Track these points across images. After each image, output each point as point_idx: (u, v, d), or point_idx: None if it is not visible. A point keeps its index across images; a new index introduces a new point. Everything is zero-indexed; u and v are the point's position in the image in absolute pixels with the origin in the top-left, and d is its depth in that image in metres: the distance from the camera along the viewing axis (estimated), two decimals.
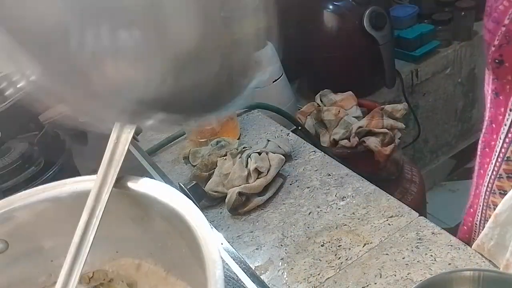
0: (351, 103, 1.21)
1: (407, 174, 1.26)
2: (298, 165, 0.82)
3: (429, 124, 1.68)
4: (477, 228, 0.60)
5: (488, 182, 0.55)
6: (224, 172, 0.77)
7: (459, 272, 0.45)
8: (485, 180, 0.55)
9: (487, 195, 0.55)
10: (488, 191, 0.55)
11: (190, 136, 0.92)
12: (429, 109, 1.65)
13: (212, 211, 0.77)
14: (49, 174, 0.67)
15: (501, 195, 0.53)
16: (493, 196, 0.54)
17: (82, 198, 0.38)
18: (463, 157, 1.83)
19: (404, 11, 1.54)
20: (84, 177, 0.39)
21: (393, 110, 1.14)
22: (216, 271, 0.28)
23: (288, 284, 0.60)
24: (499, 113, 0.50)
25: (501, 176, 0.52)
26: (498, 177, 0.52)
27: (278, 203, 0.74)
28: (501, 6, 0.45)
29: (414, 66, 1.50)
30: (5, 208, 0.38)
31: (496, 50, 0.46)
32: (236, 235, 0.71)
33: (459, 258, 0.57)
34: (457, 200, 1.77)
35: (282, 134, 0.92)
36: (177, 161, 0.92)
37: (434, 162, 1.84)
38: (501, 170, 0.52)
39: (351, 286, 0.58)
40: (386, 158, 1.10)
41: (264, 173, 0.75)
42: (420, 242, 0.59)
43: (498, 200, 0.53)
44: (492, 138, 0.52)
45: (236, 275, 0.49)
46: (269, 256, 0.65)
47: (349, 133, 1.12)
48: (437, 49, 1.54)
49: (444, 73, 1.59)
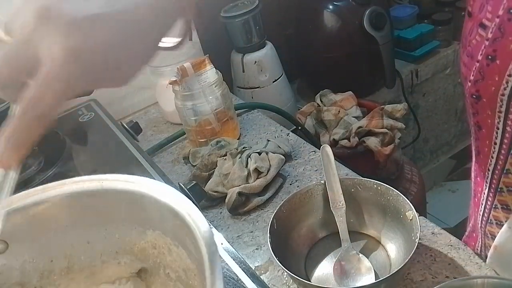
0: (351, 103, 1.21)
1: (407, 174, 1.26)
2: (298, 165, 0.82)
3: (429, 124, 1.69)
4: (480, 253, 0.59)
5: (484, 212, 0.53)
6: (224, 172, 0.77)
7: (471, 279, 0.42)
8: (480, 209, 0.53)
9: (484, 224, 0.54)
10: (485, 221, 0.53)
11: (190, 136, 0.92)
12: (429, 109, 1.65)
13: (212, 211, 0.77)
14: (49, 174, 0.67)
15: (498, 226, 0.51)
16: (490, 226, 0.53)
17: (82, 198, 0.38)
18: (463, 157, 1.83)
19: (404, 11, 1.54)
20: (84, 177, 0.39)
21: (393, 110, 1.14)
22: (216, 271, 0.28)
23: (288, 284, 0.60)
24: (484, 145, 0.47)
25: (496, 206, 0.50)
26: (493, 207, 0.51)
27: (278, 203, 0.74)
28: (474, 40, 0.43)
29: (414, 66, 1.50)
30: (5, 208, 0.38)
31: (472, 85, 0.44)
32: (236, 235, 0.71)
33: (459, 258, 0.57)
34: (457, 200, 1.77)
35: (282, 134, 0.92)
36: (177, 161, 0.92)
37: (434, 162, 1.84)
38: (496, 201, 0.50)
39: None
40: (386, 158, 1.10)
41: (264, 173, 0.76)
42: (420, 242, 0.59)
43: (495, 230, 0.52)
44: (481, 168, 0.50)
45: (236, 275, 0.49)
46: (269, 256, 0.65)
47: (349, 133, 1.13)
48: (437, 49, 1.54)
49: (444, 73, 1.59)
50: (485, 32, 0.41)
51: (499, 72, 0.40)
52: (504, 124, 0.43)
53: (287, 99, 1.31)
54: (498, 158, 0.46)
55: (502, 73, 0.40)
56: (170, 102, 0.91)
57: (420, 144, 1.71)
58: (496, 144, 0.45)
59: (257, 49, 1.22)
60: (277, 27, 1.43)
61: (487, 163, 0.48)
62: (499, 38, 0.39)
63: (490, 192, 0.50)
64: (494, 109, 0.42)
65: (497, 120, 0.43)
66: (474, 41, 0.43)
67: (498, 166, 0.47)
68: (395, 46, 1.40)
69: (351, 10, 1.27)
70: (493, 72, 0.40)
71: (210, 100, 0.86)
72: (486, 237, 0.55)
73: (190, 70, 0.83)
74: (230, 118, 0.91)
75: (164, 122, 1.08)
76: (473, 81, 0.43)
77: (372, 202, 0.62)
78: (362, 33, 1.27)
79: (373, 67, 1.35)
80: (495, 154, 0.46)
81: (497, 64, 0.40)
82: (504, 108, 0.41)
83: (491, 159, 0.47)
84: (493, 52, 0.40)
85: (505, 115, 0.42)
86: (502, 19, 0.39)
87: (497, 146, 0.45)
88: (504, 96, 0.40)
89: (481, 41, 0.41)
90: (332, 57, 1.34)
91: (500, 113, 0.42)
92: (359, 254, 0.59)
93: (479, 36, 0.42)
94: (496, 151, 0.46)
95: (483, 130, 0.46)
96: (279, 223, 0.60)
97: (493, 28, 0.40)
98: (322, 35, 1.33)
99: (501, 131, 0.44)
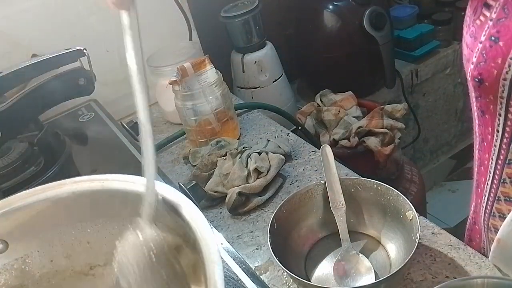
0: (351, 103, 1.21)
1: (407, 174, 1.26)
2: (298, 165, 0.82)
3: (429, 124, 1.68)
4: (484, 249, 0.58)
5: (486, 204, 0.52)
6: (224, 172, 0.77)
7: (471, 279, 0.42)
8: (483, 201, 0.53)
9: (487, 218, 0.53)
10: (487, 214, 0.53)
11: (190, 136, 0.92)
12: (429, 109, 1.65)
13: (212, 211, 0.77)
14: (49, 174, 0.67)
15: (500, 219, 0.51)
16: (493, 219, 0.52)
17: (82, 198, 0.38)
18: (463, 157, 1.83)
19: (404, 11, 1.54)
20: (84, 177, 0.39)
21: (393, 110, 1.14)
22: (216, 271, 0.28)
23: (288, 284, 0.60)
24: (487, 132, 0.46)
25: (499, 198, 0.50)
26: (496, 199, 0.50)
27: (278, 203, 0.74)
28: (478, 20, 0.42)
29: (414, 66, 1.50)
30: (5, 208, 0.38)
31: (475, 68, 0.42)
32: (236, 235, 0.71)
33: (459, 258, 0.57)
34: (457, 200, 1.77)
35: (282, 134, 0.92)
36: (177, 161, 0.92)
37: (434, 162, 1.84)
38: (499, 192, 0.49)
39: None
40: (386, 158, 1.10)
41: (264, 173, 0.76)
42: (420, 242, 0.59)
43: (498, 223, 0.51)
44: (485, 157, 0.49)
45: (236, 275, 0.49)
46: (269, 256, 0.65)
47: (349, 133, 1.13)
48: (437, 49, 1.54)
49: (444, 73, 1.59)
50: (489, 12, 0.40)
51: (502, 54, 0.39)
52: (506, 111, 0.42)
53: (287, 99, 1.31)
54: (500, 147, 0.45)
55: (505, 56, 0.39)
56: (170, 102, 0.91)
57: (420, 144, 1.71)
58: (498, 132, 0.44)
59: (257, 49, 1.22)
60: (277, 27, 1.43)
61: (491, 151, 0.47)
62: (503, 18, 0.39)
63: (493, 183, 0.49)
64: (496, 94, 0.42)
65: (499, 107, 0.42)
66: (478, 21, 0.42)
67: (501, 156, 0.46)
68: (395, 46, 1.40)
69: (351, 10, 1.27)
70: (495, 54, 0.40)
71: (210, 100, 0.86)
72: (490, 231, 0.54)
73: (190, 70, 0.83)
74: (230, 118, 0.91)
75: (164, 122, 1.08)
76: (476, 64, 0.42)
77: (372, 202, 0.62)
78: (362, 33, 1.27)
79: (373, 67, 1.35)
80: (498, 142, 0.45)
81: (500, 46, 0.39)
82: (506, 94, 0.41)
83: (494, 147, 0.46)
84: (497, 33, 0.39)
85: (507, 101, 0.41)
86: None
87: (500, 134, 0.44)
88: (506, 80, 0.40)
89: (484, 21, 0.41)
90: (332, 57, 1.34)
91: (502, 99, 0.41)
92: (359, 254, 0.59)
93: (483, 16, 0.41)
94: (498, 140, 0.45)
95: (486, 116, 0.45)
96: (279, 223, 0.60)
97: (497, 8, 0.39)
98: (322, 35, 1.33)
99: (503, 118, 0.43)
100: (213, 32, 1.23)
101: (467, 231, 0.62)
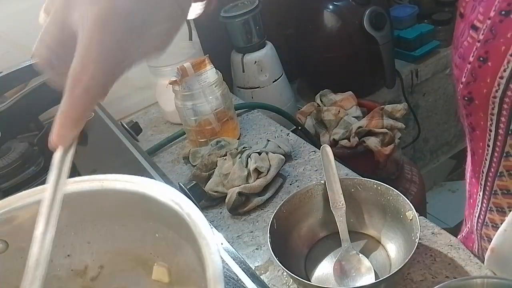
0: (351, 103, 1.21)
1: (407, 174, 1.26)
2: (298, 165, 0.82)
3: (429, 124, 1.68)
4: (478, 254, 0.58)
5: (479, 214, 0.52)
6: (224, 172, 0.77)
7: (471, 279, 0.42)
8: (476, 211, 0.53)
9: (479, 227, 0.54)
10: (480, 223, 0.53)
11: (190, 136, 0.92)
12: (429, 109, 1.65)
13: (212, 211, 0.77)
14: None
15: (493, 228, 0.51)
16: (486, 228, 0.52)
17: (82, 198, 0.38)
18: (463, 157, 1.82)
19: (404, 11, 1.54)
20: (84, 177, 0.39)
21: (393, 110, 1.14)
22: (216, 271, 0.28)
23: (288, 284, 0.60)
24: (478, 146, 0.47)
25: (491, 209, 0.50)
26: (489, 209, 0.50)
27: (278, 203, 0.74)
28: (466, 42, 0.42)
29: (414, 66, 1.50)
30: (5, 208, 0.38)
31: (464, 87, 0.43)
32: (236, 235, 0.71)
33: (459, 258, 0.57)
34: (457, 200, 1.77)
35: (282, 134, 0.92)
36: (177, 161, 0.92)
37: (433, 162, 1.84)
38: (491, 203, 0.49)
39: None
40: (386, 158, 1.10)
41: (264, 173, 0.76)
42: (420, 242, 0.59)
43: (491, 232, 0.51)
44: (476, 169, 0.50)
45: (236, 275, 0.49)
46: (269, 256, 0.65)
47: (349, 133, 1.13)
48: (437, 49, 1.54)
49: (444, 73, 1.59)
50: (476, 34, 0.40)
51: (491, 74, 0.39)
52: (497, 126, 0.42)
53: (287, 99, 1.31)
54: (491, 160, 0.46)
55: (494, 75, 0.39)
56: (170, 102, 0.91)
57: (420, 144, 1.71)
58: (489, 147, 0.45)
59: (257, 49, 1.22)
60: (277, 27, 1.43)
61: (481, 165, 0.48)
62: (490, 39, 0.39)
63: (485, 194, 0.50)
64: (486, 111, 0.42)
65: (489, 122, 0.43)
66: (465, 43, 0.42)
67: (492, 169, 0.46)
68: (395, 46, 1.40)
69: (351, 10, 1.27)
70: (485, 74, 0.40)
71: (210, 100, 0.86)
72: (483, 240, 0.54)
73: (190, 70, 0.83)
74: (230, 118, 0.91)
75: (164, 122, 1.08)
76: (465, 83, 0.43)
77: (372, 202, 0.62)
78: (362, 33, 1.27)
79: (373, 67, 1.35)
80: (489, 156, 0.46)
81: (489, 66, 0.40)
82: (496, 111, 0.41)
83: (485, 161, 0.47)
84: (485, 54, 0.40)
85: (497, 117, 0.42)
86: (494, 20, 0.38)
87: (490, 149, 0.45)
88: (496, 98, 0.40)
89: (472, 42, 0.41)
90: (332, 57, 1.34)
91: (492, 115, 0.42)
92: (359, 254, 0.59)
93: (470, 38, 0.41)
94: (489, 153, 0.45)
95: (477, 132, 0.46)
96: (279, 223, 0.60)
97: (484, 30, 0.39)
98: (322, 35, 1.33)
99: (493, 133, 0.43)
100: (213, 32, 1.23)
101: (462, 238, 0.62)
